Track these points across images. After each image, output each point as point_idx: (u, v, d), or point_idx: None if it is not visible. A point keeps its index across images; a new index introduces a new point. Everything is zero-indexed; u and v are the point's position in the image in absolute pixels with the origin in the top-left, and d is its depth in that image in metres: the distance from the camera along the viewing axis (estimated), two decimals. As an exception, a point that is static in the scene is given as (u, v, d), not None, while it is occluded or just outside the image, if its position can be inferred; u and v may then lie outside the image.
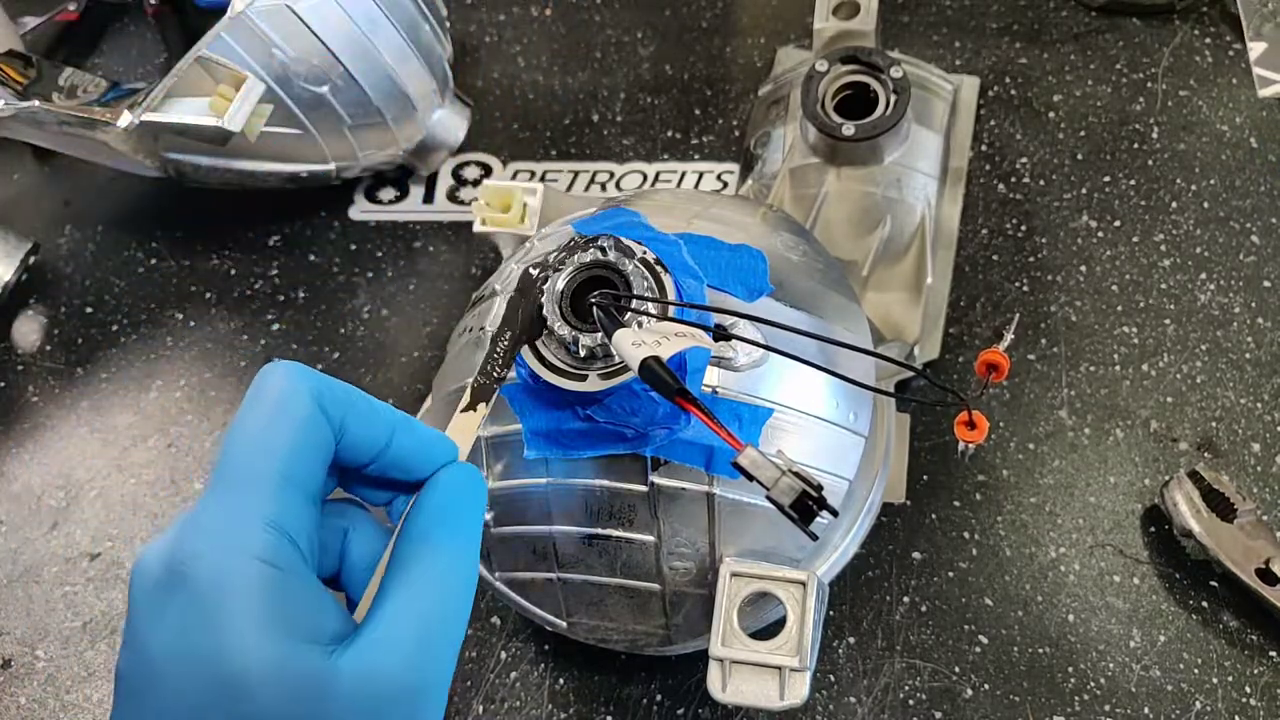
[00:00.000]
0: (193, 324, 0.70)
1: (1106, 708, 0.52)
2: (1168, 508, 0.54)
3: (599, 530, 0.45)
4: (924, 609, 0.55)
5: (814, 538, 0.34)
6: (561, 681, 0.56)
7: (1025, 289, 0.65)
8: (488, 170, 0.76)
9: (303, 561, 0.30)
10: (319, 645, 0.29)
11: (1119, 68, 0.73)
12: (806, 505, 0.33)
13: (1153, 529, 0.56)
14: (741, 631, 0.44)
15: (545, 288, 0.41)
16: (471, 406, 0.37)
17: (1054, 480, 0.58)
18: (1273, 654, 0.52)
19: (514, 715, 0.55)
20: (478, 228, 0.61)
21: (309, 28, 0.62)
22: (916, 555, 0.57)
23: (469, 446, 0.36)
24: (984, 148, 0.70)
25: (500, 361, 0.39)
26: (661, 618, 0.47)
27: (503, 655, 0.57)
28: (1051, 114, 0.71)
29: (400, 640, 0.29)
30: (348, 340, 0.69)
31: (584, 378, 0.41)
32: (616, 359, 0.40)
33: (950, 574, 0.56)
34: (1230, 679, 0.52)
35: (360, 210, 0.74)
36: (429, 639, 0.30)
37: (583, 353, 0.40)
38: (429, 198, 0.75)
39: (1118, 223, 0.66)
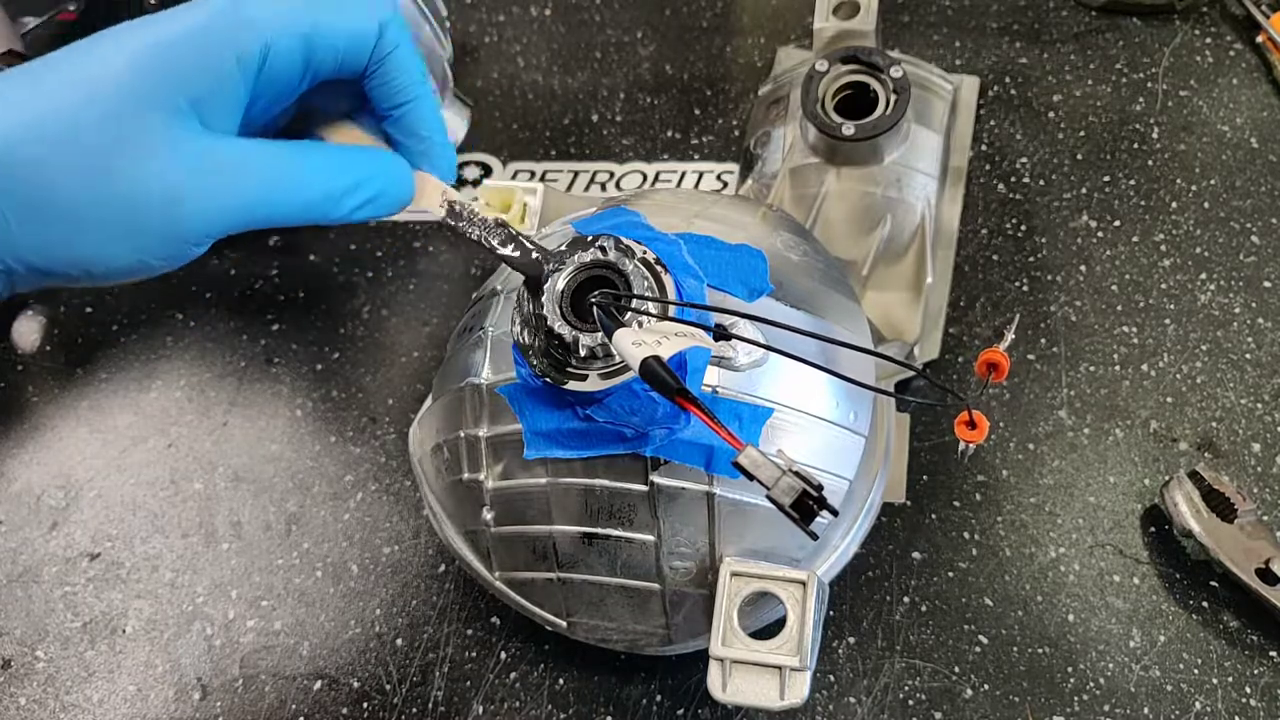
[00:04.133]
0: (193, 324, 0.70)
1: (1106, 708, 0.52)
2: (1168, 508, 0.54)
3: (599, 530, 0.45)
4: (924, 609, 0.55)
5: (814, 537, 0.34)
6: (561, 681, 0.56)
7: (1025, 289, 0.65)
8: (488, 170, 0.76)
9: (251, 78, 0.35)
10: (189, 111, 0.34)
11: (1119, 68, 0.73)
12: (807, 505, 0.34)
13: (1153, 529, 0.56)
14: (741, 631, 0.44)
15: (546, 288, 0.41)
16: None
17: (1054, 480, 0.58)
18: (1273, 654, 0.52)
19: (514, 715, 0.55)
20: (478, 228, 0.60)
21: (309, 28, 0.62)
22: (916, 555, 0.57)
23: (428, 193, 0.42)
24: (984, 148, 0.70)
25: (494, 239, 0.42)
26: (661, 618, 0.47)
27: (503, 655, 0.57)
28: (1051, 114, 0.71)
29: (207, 160, 0.35)
30: (348, 340, 0.69)
31: (584, 378, 0.41)
32: (616, 359, 0.40)
33: (950, 574, 0.56)
34: (1230, 679, 0.52)
35: (360, 210, 0.74)
36: (224, 185, 0.35)
37: (583, 352, 0.40)
38: (429, 198, 0.75)
39: (1118, 223, 0.66)
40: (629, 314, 0.39)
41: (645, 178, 0.73)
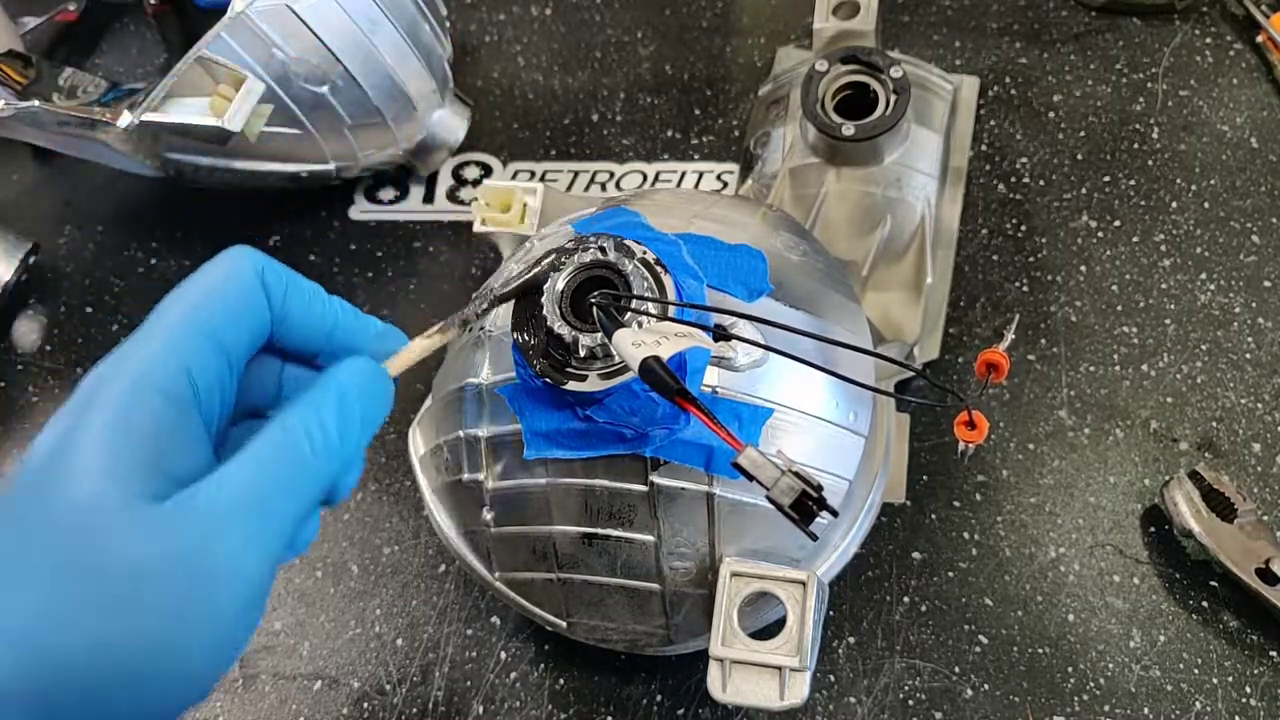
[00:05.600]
0: (193, 324, 0.70)
1: (1106, 708, 0.52)
2: (1168, 508, 0.54)
3: (599, 530, 0.45)
4: (924, 609, 0.55)
5: (814, 538, 0.34)
6: (561, 681, 0.56)
7: (1025, 289, 0.65)
8: (488, 170, 0.76)
9: (194, 408, 0.32)
10: (167, 480, 0.30)
11: (1119, 68, 0.73)
12: (806, 505, 0.33)
13: (1153, 529, 0.56)
14: (741, 631, 0.44)
15: (545, 287, 0.41)
16: (435, 334, 0.37)
17: (1054, 480, 0.58)
18: (1273, 654, 0.52)
19: (514, 715, 0.55)
20: (478, 228, 0.61)
21: (309, 28, 0.62)
22: (916, 555, 0.57)
23: (408, 362, 0.36)
24: (984, 148, 0.70)
25: (481, 308, 0.39)
26: (661, 618, 0.47)
27: (503, 655, 0.57)
28: (1051, 114, 0.71)
29: (216, 499, 0.30)
30: (348, 340, 0.69)
31: (584, 378, 0.41)
32: (616, 359, 0.40)
33: (950, 574, 0.56)
34: (1230, 679, 0.52)
35: (360, 210, 0.74)
36: (244, 504, 0.31)
37: (583, 353, 0.40)
38: (429, 198, 0.75)
39: (1118, 223, 0.66)
40: (629, 314, 0.39)
41: (645, 178, 0.73)
